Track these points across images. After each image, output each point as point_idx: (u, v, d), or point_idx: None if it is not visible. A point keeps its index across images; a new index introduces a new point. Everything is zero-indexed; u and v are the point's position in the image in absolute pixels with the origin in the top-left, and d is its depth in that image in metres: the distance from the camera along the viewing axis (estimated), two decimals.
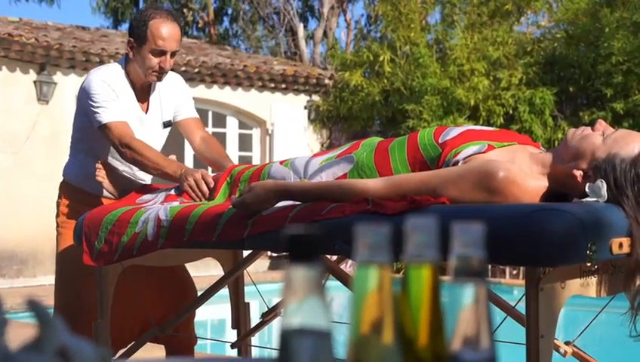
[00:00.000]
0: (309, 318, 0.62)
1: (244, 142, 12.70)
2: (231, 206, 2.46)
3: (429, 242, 0.69)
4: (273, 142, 12.50)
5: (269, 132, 12.57)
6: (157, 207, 2.72)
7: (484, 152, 2.24)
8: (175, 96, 3.41)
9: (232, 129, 12.56)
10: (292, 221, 2.29)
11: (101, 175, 3.21)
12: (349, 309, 0.67)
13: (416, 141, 2.40)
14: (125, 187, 3.11)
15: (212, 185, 2.87)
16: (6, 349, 0.65)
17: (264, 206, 2.40)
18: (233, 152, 12.45)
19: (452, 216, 2.04)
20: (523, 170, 2.17)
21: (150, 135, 3.33)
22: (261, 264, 11.47)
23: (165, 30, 3.17)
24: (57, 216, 3.41)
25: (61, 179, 3.49)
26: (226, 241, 2.49)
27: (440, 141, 2.35)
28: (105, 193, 3.26)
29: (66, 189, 3.42)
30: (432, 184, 2.19)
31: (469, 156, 2.25)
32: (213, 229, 2.48)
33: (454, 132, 2.36)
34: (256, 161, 12.55)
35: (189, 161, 11.36)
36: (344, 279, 2.57)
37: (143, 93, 3.32)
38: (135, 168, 3.27)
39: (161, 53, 3.18)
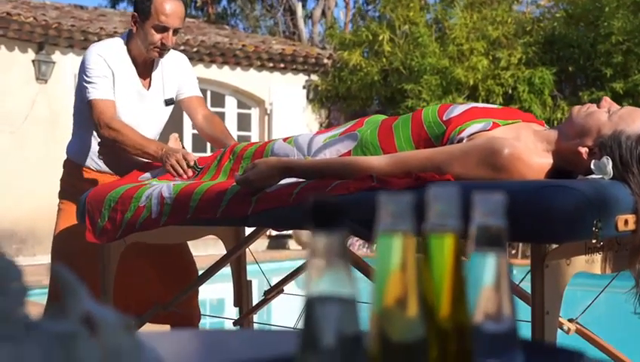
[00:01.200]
0: (333, 285, 0.62)
1: (243, 122, 12.69)
2: (234, 183, 2.46)
3: (451, 211, 0.69)
4: (272, 121, 12.48)
5: (268, 111, 12.56)
6: (160, 185, 2.72)
7: (488, 130, 2.24)
8: (178, 75, 3.40)
9: (230, 108, 12.54)
10: (296, 198, 2.29)
11: (103, 153, 3.21)
12: (373, 278, 0.66)
13: (421, 118, 2.40)
14: (127, 164, 3.11)
15: (192, 164, 2.89)
16: (27, 318, 0.64)
17: (268, 183, 2.39)
18: (232, 132, 12.37)
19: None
20: (528, 147, 2.17)
21: (151, 111, 3.33)
22: (260, 243, 11.48)
23: (169, 6, 3.16)
24: (60, 192, 3.41)
25: (62, 158, 3.49)
26: (230, 218, 2.48)
27: (444, 118, 2.34)
28: (106, 170, 3.26)
29: (68, 166, 3.42)
30: (436, 161, 2.19)
31: (474, 133, 2.24)
32: (217, 206, 2.48)
33: (459, 109, 2.35)
34: (254, 140, 12.53)
35: (187, 140, 11.35)
36: (352, 259, 2.57)
37: (145, 68, 3.32)
38: None
39: (163, 29, 3.17)
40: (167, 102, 3.39)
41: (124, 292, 3.19)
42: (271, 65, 12.51)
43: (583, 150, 2.14)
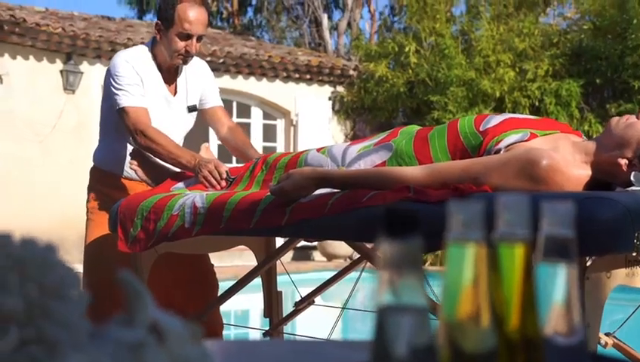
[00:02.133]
0: (406, 295, 0.61)
1: (269, 133, 12.70)
2: (268, 193, 2.45)
3: (521, 220, 0.68)
4: (297, 132, 12.49)
5: (294, 123, 12.56)
6: (193, 194, 2.72)
7: (526, 140, 2.22)
8: (201, 82, 3.42)
9: (256, 119, 12.56)
10: (331, 208, 2.27)
11: (135, 163, 3.21)
12: (442, 288, 0.65)
13: (457, 129, 2.38)
14: (159, 174, 3.11)
15: (224, 175, 2.90)
16: (89, 326, 0.64)
17: (302, 193, 2.38)
18: (257, 143, 12.44)
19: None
20: (566, 159, 2.15)
21: (177, 118, 3.35)
22: (285, 255, 11.47)
23: (192, 14, 3.18)
24: (88, 201, 3.41)
25: (89, 165, 3.49)
26: (264, 229, 2.47)
27: (481, 129, 2.33)
28: (135, 177, 3.26)
29: (95, 174, 3.43)
30: (473, 172, 2.17)
31: (512, 144, 2.22)
32: (251, 217, 2.47)
33: (496, 120, 2.34)
34: (280, 151, 12.55)
35: (214, 150, 11.38)
36: None
37: (170, 75, 3.33)
38: None
39: (187, 36, 3.19)
40: (191, 109, 3.40)
41: (166, 294, 3.19)
42: (297, 76, 12.52)
43: (623, 161, 2.12)
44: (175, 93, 3.35)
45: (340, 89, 12.99)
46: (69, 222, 8.86)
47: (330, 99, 12.92)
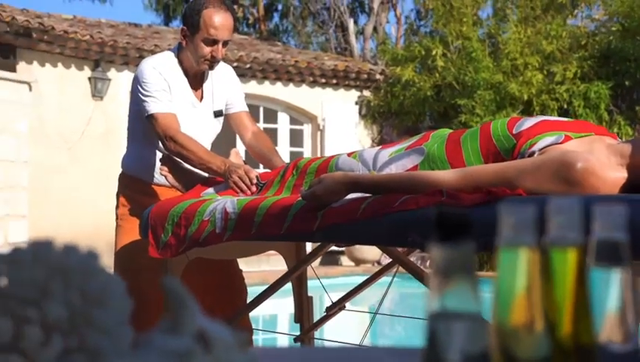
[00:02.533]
0: (458, 301, 0.59)
1: (296, 138, 12.71)
2: (300, 198, 2.44)
3: (573, 224, 0.66)
4: (324, 137, 12.49)
5: (320, 127, 12.56)
6: (224, 200, 2.71)
7: (561, 143, 2.19)
8: (227, 87, 3.42)
9: (283, 125, 12.57)
10: (363, 213, 2.26)
11: (165, 169, 3.22)
12: (494, 294, 0.64)
13: (490, 132, 2.36)
14: (189, 179, 3.11)
15: (254, 181, 2.90)
16: (133, 334, 0.63)
17: (334, 198, 2.37)
18: (284, 148, 12.46)
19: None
20: (601, 161, 2.11)
21: (204, 123, 3.35)
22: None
23: (218, 19, 3.17)
24: (117, 207, 3.42)
25: (118, 172, 3.50)
26: (295, 234, 2.46)
27: (514, 132, 2.30)
28: (164, 182, 3.27)
29: (124, 180, 3.43)
30: (507, 175, 2.14)
31: (546, 147, 2.19)
32: (282, 222, 2.46)
33: (529, 122, 2.31)
34: (307, 156, 12.55)
35: (243, 155, 11.39)
36: (417, 272, 2.54)
37: (196, 80, 3.33)
38: None
39: (213, 42, 3.19)
40: (217, 114, 3.40)
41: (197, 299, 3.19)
42: (323, 81, 12.52)
43: None
44: (201, 98, 3.35)
45: (367, 93, 12.98)
46: (97, 228, 8.90)
47: (356, 103, 12.90)
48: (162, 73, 3.22)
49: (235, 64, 11.48)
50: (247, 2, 18.44)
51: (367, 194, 2.35)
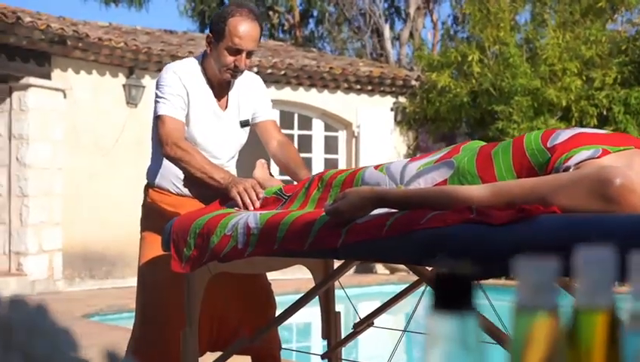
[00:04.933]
0: None
1: (330, 145, 12.62)
2: (324, 213, 2.34)
3: (605, 282, 0.56)
4: (359, 144, 12.38)
5: (355, 134, 12.46)
6: (246, 214, 2.62)
7: (598, 157, 2.07)
8: (253, 97, 3.33)
9: (318, 131, 12.49)
10: (389, 230, 2.15)
11: (188, 183, 3.15)
12: None
13: (523, 145, 2.24)
14: (211, 193, 3.02)
15: (261, 196, 2.80)
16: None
17: (359, 214, 2.27)
18: (319, 155, 12.37)
19: (565, 228, 1.89)
20: None
21: (228, 133, 3.27)
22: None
23: (243, 28, 3.08)
24: (141, 220, 3.36)
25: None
26: (319, 250, 2.37)
27: (548, 145, 2.18)
28: (188, 193, 3.19)
29: (148, 191, 3.37)
30: (541, 191, 2.03)
31: (582, 161, 2.07)
32: (305, 238, 2.36)
33: (564, 135, 2.19)
34: (342, 163, 12.46)
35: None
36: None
37: (220, 89, 3.25)
38: None
39: (237, 51, 3.10)
40: (243, 124, 3.31)
41: (208, 321, 3.12)
42: (358, 87, 12.42)
43: None
44: (226, 107, 3.27)
45: (402, 100, 12.85)
46: (131, 236, 8.86)
47: (392, 110, 12.78)
48: (182, 79, 3.14)
49: (269, 70, 11.44)
50: (283, 9, 18.40)
51: (394, 210, 2.25)
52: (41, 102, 9.79)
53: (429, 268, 2.51)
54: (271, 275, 3.38)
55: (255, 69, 11.28)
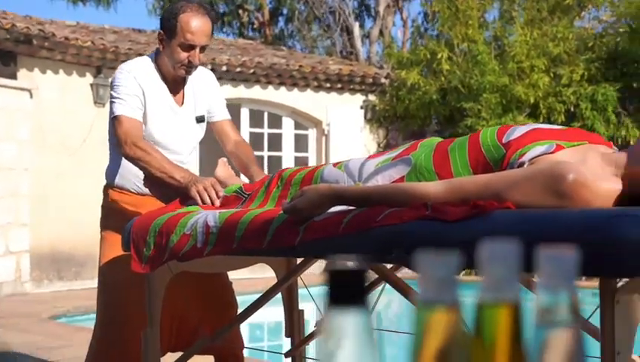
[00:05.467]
0: None
1: (300, 143, 12.60)
2: (282, 211, 2.34)
3: (509, 276, 0.55)
4: (329, 142, 12.38)
5: (325, 132, 12.45)
6: (205, 213, 2.61)
7: (552, 153, 2.07)
8: (207, 93, 3.33)
9: (287, 130, 12.47)
10: (346, 228, 2.15)
11: (148, 182, 3.13)
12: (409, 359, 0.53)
13: (478, 141, 2.25)
14: (171, 192, 3.01)
15: (220, 194, 2.81)
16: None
17: (317, 211, 2.26)
18: (289, 153, 12.36)
19: (518, 223, 1.90)
20: (595, 172, 2.00)
21: (185, 128, 3.26)
22: (316, 265, 11.34)
23: (195, 24, 3.08)
24: (101, 220, 3.34)
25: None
26: (277, 248, 2.36)
27: (504, 141, 2.19)
28: (148, 191, 3.18)
29: (107, 191, 3.35)
30: (495, 187, 2.03)
31: (536, 157, 2.08)
32: (264, 236, 2.36)
33: (519, 131, 2.20)
34: (312, 162, 12.45)
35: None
36: (402, 289, 2.43)
37: (176, 85, 3.24)
38: None
39: (190, 47, 3.10)
40: (199, 120, 3.31)
41: (169, 321, 3.10)
42: (328, 85, 12.42)
43: None
44: (182, 103, 3.27)
45: (372, 97, 12.87)
46: (97, 236, 8.81)
47: (362, 107, 12.79)
48: (137, 78, 3.13)
49: (238, 69, 11.41)
50: (253, 7, 18.36)
51: (352, 208, 2.24)
52: (6, 102, 9.69)
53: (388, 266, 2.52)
54: (238, 274, 3.37)
55: (224, 67, 11.24)
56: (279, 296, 3.26)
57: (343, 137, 12.37)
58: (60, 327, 7.09)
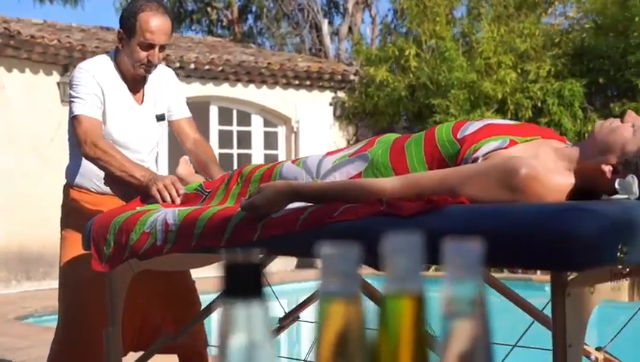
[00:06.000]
0: None
1: (270, 141, 12.59)
2: (240, 209, 2.34)
3: (413, 268, 0.56)
4: (299, 139, 12.38)
5: (295, 129, 12.45)
6: (164, 211, 2.61)
7: (505, 148, 2.10)
8: (167, 91, 3.33)
9: (257, 127, 12.45)
10: (303, 224, 2.16)
11: (109, 181, 3.12)
12: (314, 351, 0.54)
13: (434, 137, 2.26)
14: (132, 191, 3.00)
15: (181, 192, 2.81)
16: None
17: (275, 208, 2.27)
18: (259, 151, 12.34)
19: (470, 218, 1.91)
20: (547, 167, 2.02)
21: (145, 127, 3.26)
22: (288, 262, 11.35)
23: (154, 23, 3.08)
24: (61, 220, 3.32)
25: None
26: (236, 246, 2.36)
27: (458, 136, 2.21)
28: (107, 190, 3.17)
29: (67, 191, 3.33)
30: (450, 182, 2.05)
31: (490, 152, 2.10)
32: (222, 233, 2.36)
33: (474, 127, 2.21)
34: (282, 159, 12.44)
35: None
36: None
37: (135, 84, 3.23)
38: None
39: (149, 46, 3.09)
40: (159, 118, 3.30)
41: (131, 320, 3.09)
42: (297, 82, 12.41)
43: (607, 168, 1.99)
44: (142, 101, 3.26)
45: (341, 94, 12.88)
46: None
47: (331, 104, 12.80)
48: (95, 76, 3.12)
49: (207, 67, 11.37)
50: (222, 4, 18.31)
51: (309, 204, 2.25)
52: None
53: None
54: (202, 273, 3.35)
55: (193, 65, 11.21)
56: None
57: (312, 134, 12.37)
58: (26, 328, 7.04)
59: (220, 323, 0.49)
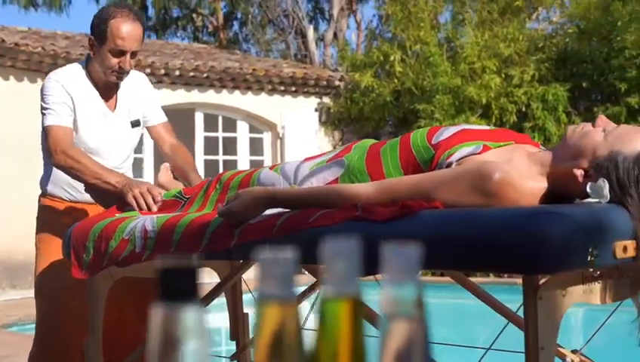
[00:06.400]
0: None
1: (255, 147, 12.60)
2: (217, 215, 2.35)
3: (350, 272, 0.58)
4: (284, 145, 12.39)
5: (280, 135, 12.46)
6: (144, 218, 2.62)
7: (479, 153, 2.12)
8: (141, 96, 3.31)
9: (242, 133, 12.46)
10: (279, 230, 2.18)
11: (89, 189, 3.12)
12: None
13: (409, 143, 2.28)
14: (112, 198, 3.00)
15: (158, 199, 2.79)
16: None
17: (252, 214, 2.28)
18: (244, 157, 12.35)
19: (444, 222, 1.93)
20: (520, 171, 2.04)
21: (119, 134, 3.25)
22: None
23: (125, 29, 3.07)
24: (37, 231, 3.31)
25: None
26: (214, 252, 2.37)
27: (433, 142, 2.22)
28: (81, 199, 3.17)
29: (42, 201, 3.33)
30: (424, 188, 2.07)
31: (463, 157, 2.12)
32: (200, 240, 2.37)
33: (448, 132, 2.23)
34: (267, 165, 12.45)
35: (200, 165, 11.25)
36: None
37: (107, 91, 3.23)
38: None
39: (120, 53, 3.08)
40: (134, 124, 3.30)
41: (112, 328, 3.08)
42: (282, 88, 12.43)
43: (578, 172, 2.02)
44: (115, 108, 3.25)
45: (327, 100, 12.90)
46: None
47: (316, 110, 12.82)
48: (65, 86, 3.11)
49: (192, 73, 11.38)
50: (207, 11, 18.32)
51: (286, 210, 2.27)
52: None
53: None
54: None
55: (177, 72, 11.21)
56: (224, 301, 3.27)
57: (298, 140, 12.39)
58: (10, 336, 7.03)
59: (154, 327, 0.51)
